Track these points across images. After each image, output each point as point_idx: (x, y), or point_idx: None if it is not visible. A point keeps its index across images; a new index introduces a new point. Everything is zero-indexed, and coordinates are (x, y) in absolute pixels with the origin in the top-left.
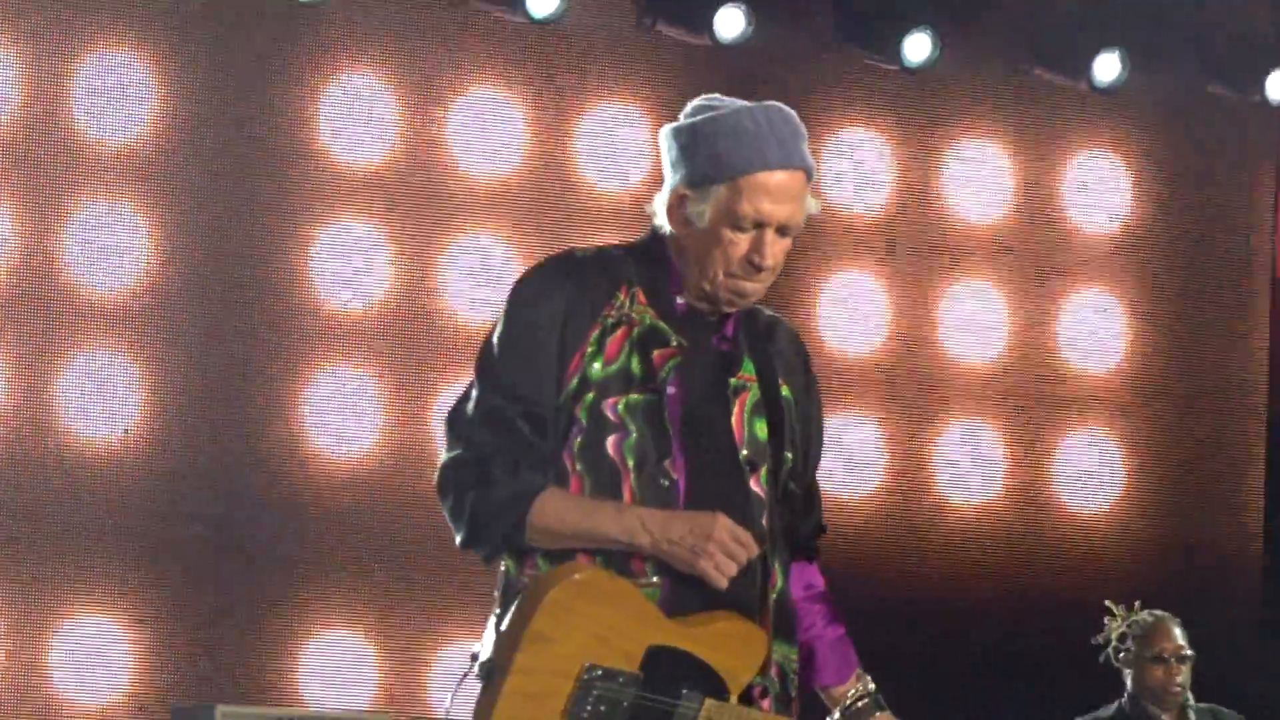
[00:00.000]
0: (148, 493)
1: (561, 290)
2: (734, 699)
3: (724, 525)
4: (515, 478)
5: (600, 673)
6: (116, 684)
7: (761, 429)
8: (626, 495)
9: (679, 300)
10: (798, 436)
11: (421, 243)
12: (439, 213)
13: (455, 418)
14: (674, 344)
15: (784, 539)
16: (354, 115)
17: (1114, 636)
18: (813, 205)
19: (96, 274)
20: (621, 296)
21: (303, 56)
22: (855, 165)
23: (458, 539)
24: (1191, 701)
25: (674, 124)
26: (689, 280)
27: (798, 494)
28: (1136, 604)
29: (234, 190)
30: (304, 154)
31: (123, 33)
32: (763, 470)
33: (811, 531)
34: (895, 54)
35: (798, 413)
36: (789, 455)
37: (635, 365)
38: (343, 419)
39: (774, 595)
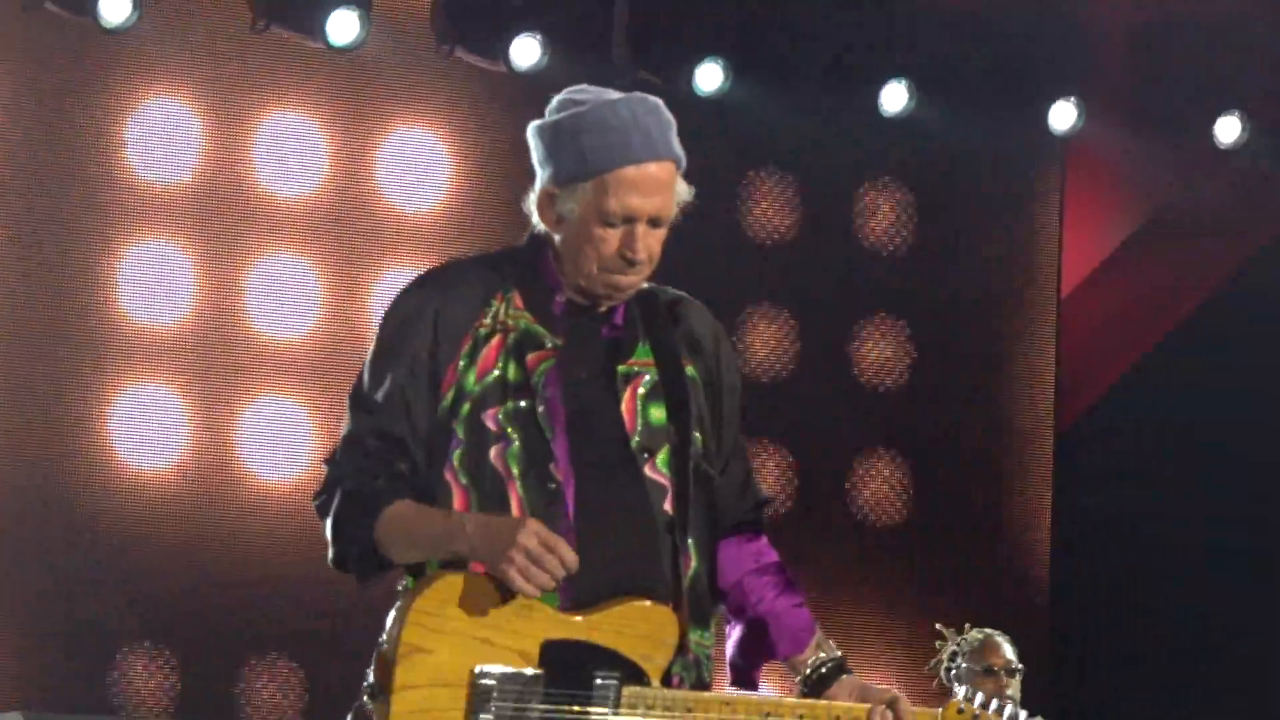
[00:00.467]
0: None
1: (429, 307)
2: (656, 682)
3: (531, 530)
4: (359, 494)
5: (495, 676)
6: None
7: (658, 413)
8: (514, 503)
9: (558, 299)
10: (706, 417)
11: (227, 261)
12: (244, 232)
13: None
14: (549, 346)
15: (703, 520)
16: (160, 137)
17: (945, 656)
18: (684, 192)
19: None
20: (496, 303)
21: (110, 80)
22: None
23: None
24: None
25: (539, 121)
26: (567, 276)
27: (713, 475)
28: (966, 625)
29: (42, 210)
30: (111, 174)
31: None
32: (660, 455)
33: (751, 506)
34: (688, 83)
35: (706, 393)
36: (697, 436)
37: (511, 372)
38: (149, 433)
39: (688, 579)
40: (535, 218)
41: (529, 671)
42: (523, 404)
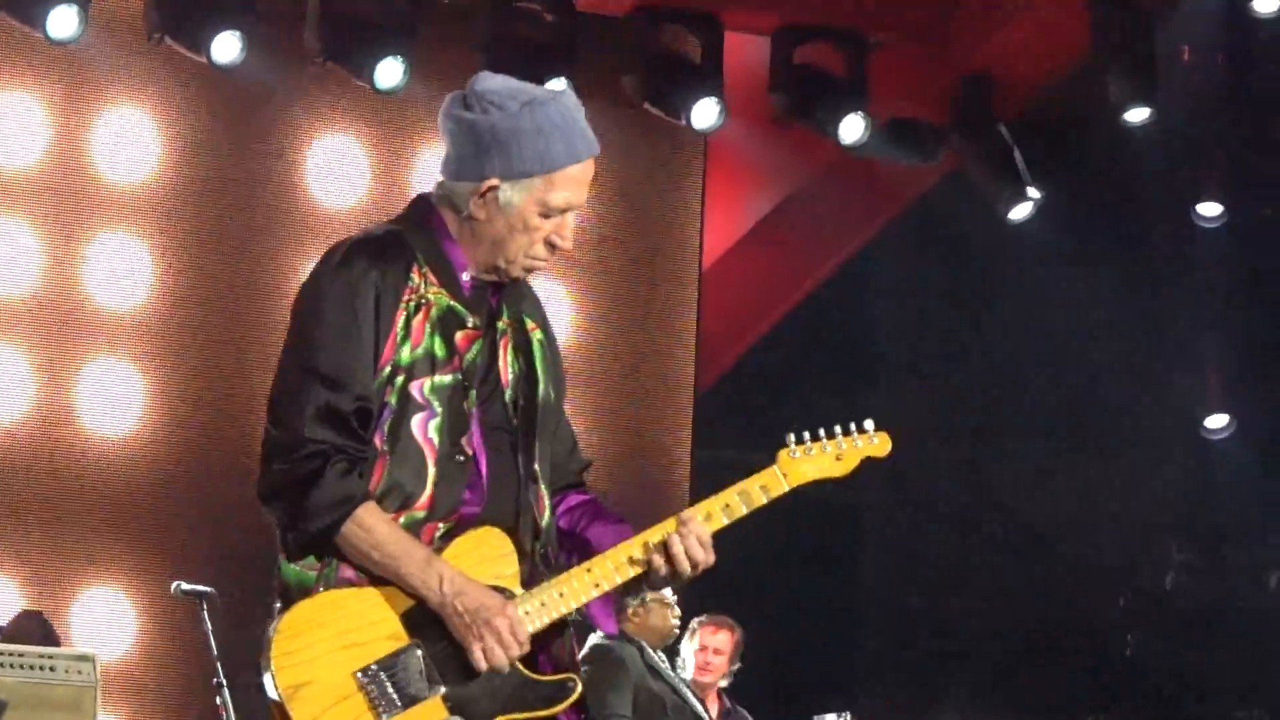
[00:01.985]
0: None
1: (369, 278)
2: (519, 589)
3: (509, 618)
4: (344, 481)
5: (375, 667)
6: None
7: (517, 366)
8: (430, 473)
9: (465, 277)
10: (551, 374)
11: None
12: None
13: (286, 408)
14: (471, 325)
15: (549, 472)
16: None
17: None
18: None
19: None
20: (416, 278)
21: None
22: (338, 167)
23: (282, 521)
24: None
25: (473, 115)
26: (478, 257)
27: (553, 432)
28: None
29: None
30: None
31: None
32: (523, 405)
33: (579, 468)
34: (370, 76)
35: (549, 353)
36: (551, 393)
37: (437, 347)
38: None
39: (544, 525)
40: (453, 201)
41: (400, 648)
42: (448, 379)
